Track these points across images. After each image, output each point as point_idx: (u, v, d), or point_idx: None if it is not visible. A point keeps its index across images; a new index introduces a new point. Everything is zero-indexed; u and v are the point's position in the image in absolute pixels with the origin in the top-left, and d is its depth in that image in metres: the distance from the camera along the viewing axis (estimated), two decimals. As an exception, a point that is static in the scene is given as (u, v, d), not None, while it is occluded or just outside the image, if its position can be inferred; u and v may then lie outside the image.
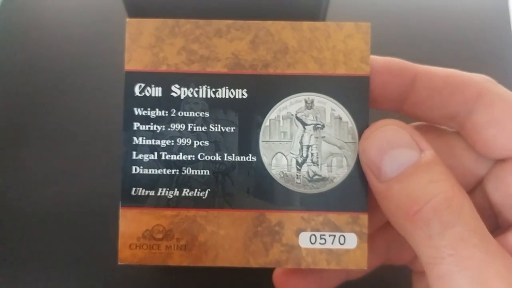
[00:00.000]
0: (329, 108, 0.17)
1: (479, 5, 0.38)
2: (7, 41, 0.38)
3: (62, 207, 0.30)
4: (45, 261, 0.29)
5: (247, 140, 0.17)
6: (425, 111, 0.17)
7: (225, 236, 0.16)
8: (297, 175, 0.17)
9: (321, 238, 0.17)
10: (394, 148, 0.15)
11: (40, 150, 0.33)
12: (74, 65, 0.36)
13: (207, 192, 0.17)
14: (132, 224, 0.16)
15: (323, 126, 0.17)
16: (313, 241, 0.17)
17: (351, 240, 0.17)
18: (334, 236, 0.17)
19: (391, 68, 0.17)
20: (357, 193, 0.17)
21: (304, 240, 0.17)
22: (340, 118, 0.17)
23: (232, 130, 0.17)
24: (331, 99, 0.17)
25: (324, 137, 0.17)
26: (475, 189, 0.18)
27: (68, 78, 0.36)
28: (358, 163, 0.17)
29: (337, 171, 0.17)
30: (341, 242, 0.16)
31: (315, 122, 0.17)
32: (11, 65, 0.37)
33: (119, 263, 0.16)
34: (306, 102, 0.17)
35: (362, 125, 0.17)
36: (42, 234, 0.30)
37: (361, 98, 0.17)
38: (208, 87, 0.17)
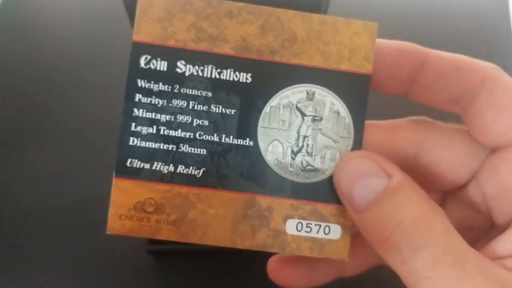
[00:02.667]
0: (329, 101, 0.17)
1: (479, 5, 0.39)
2: (7, 41, 0.38)
3: (63, 206, 0.30)
4: (46, 259, 0.29)
5: (246, 124, 0.17)
6: (431, 94, 0.17)
7: (215, 216, 0.17)
8: (291, 163, 0.17)
9: (307, 227, 0.17)
10: (362, 178, 0.16)
11: (41, 149, 0.33)
12: (75, 65, 0.36)
13: (201, 171, 0.17)
14: (124, 195, 0.17)
15: (321, 118, 0.17)
16: (299, 228, 0.17)
17: (336, 231, 0.17)
18: (320, 225, 0.17)
19: (403, 51, 0.17)
20: None
21: (291, 226, 0.17)
22: (338, 113, 0.17)
23: (232, 113, 0.17)
24: (332, 93, 0.17)
25: (321, 129, 0.17)
26: (469, 183, 0.18)
27: (69, 77, 0.36)
28: None
29: (329, 163, 0.17)
30: (326, 232, 0.17)
31: (314, 114, 0.17)
32: (11, 65, 0.36)
33: (107, 232, 0.17)
34: (307, 93, 0.17)
35: (359, 121, 0.17)
36: (44, 233, 0.30)
37: (360, 95, 0.17)
38: (214, 67, 0.17)
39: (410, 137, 0.18)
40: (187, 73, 0.17)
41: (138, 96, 0.17)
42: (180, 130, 0.17)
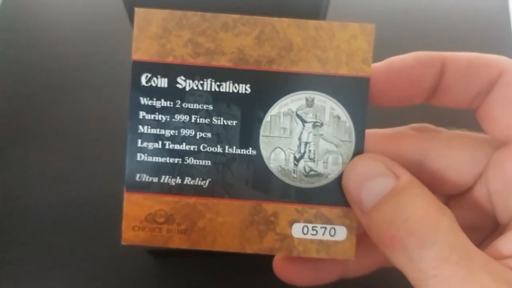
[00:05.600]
0: (328, 107, 0.17)
1: (479, 5, 0.38)
2: (6, 41, 0.38)
3: (64, 206, 0.31)
4: (45, 259, 0.29)
5: (248, 134, 0.17)
6: (454, 95, 0.17)
7: (223, 223, 0.18)
8: (294, 169, 0.17)
9: (313, 230, 0.18)
10: (370, 179, 0.16)
11: (41, 150, 0.33)
12: (75, 65, 0.36)
13: (208, 181, 0.17)
14: (135, 207, 0.17)
15: (321, 124, 0.17)
16: (305, 231, 0.18)
17: (341, 233, 0.18)
18: (325, 228, 0.18)
19: (421, 59, 0.17)
20: None
21: (297, 230, 0.18)
22: (339, 117, 0.17)
23: (234, 124, 0.17)
24: (331, 98, 0.17)
25: (322, 135, 0.17)
26: (474, 185, 0.18)
27: (68, 78, 0.36)
28: None
29: (332, 167, 0.17)
30: (332, 234, 0.18)
31: (314, 120, 0.17)
32: (11, 65, 0.37)
33: (122, 243, 0.17)
34: (307, 100, 0.17)
35: (360, 125, 0.17)
36: (43, 233, 0.30)
37: (360, 99, 0.17)
38: (213, 80, 0.17)
39: (413, 144, 0.18)
40: (187, 88, 0.17)
41: (142, 114, 0.17)
42: (184, 144, 0.17)
